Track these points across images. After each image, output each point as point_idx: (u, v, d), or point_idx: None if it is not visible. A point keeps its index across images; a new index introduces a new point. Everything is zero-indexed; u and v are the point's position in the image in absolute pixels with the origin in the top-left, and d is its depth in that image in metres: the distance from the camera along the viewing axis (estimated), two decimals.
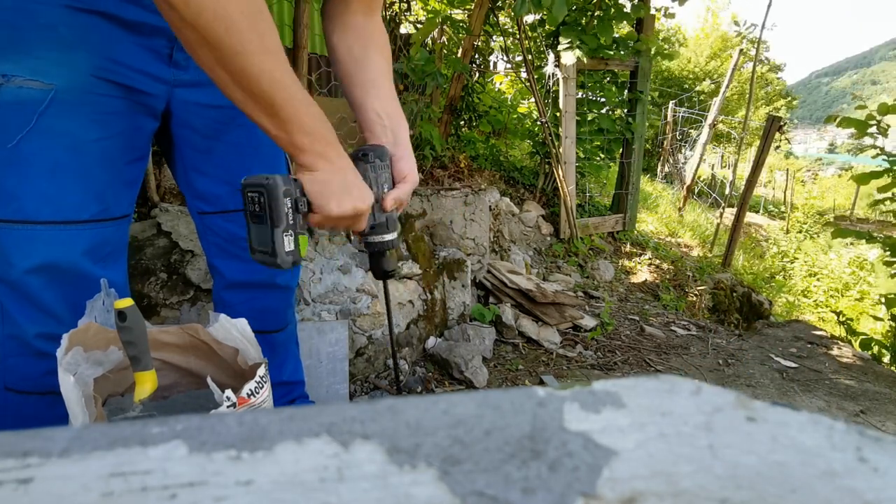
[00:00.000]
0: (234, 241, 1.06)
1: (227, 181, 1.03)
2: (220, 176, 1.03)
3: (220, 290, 1.12)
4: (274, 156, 1.07)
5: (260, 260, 0.81)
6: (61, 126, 0.80)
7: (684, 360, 2.26)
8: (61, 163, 0.81)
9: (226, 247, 1.07)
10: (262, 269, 1.07)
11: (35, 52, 0.77)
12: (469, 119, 3.68)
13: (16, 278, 0.81)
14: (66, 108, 0.79)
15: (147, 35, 0.85)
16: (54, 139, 0.80)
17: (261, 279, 1.10)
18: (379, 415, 0.22)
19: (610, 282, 3.26)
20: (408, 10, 3.37)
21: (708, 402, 0.23)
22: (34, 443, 0.20)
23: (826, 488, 0.19)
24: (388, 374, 1.79)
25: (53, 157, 0.80)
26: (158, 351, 0.89)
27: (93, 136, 0.83)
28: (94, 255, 0.87)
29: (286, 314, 1.19)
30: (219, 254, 1.09)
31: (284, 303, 1.18)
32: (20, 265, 0.80)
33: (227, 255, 1.08)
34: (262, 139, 1.00)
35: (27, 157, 0.79)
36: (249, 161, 1.03)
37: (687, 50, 15.72)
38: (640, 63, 3.67)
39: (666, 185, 8.14)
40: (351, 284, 1.74)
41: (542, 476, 0.19)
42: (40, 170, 0.80)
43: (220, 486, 0.18)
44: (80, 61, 0.80)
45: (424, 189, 2.25)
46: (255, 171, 1.01)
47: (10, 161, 0.79)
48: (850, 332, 3.14)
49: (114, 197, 0.88)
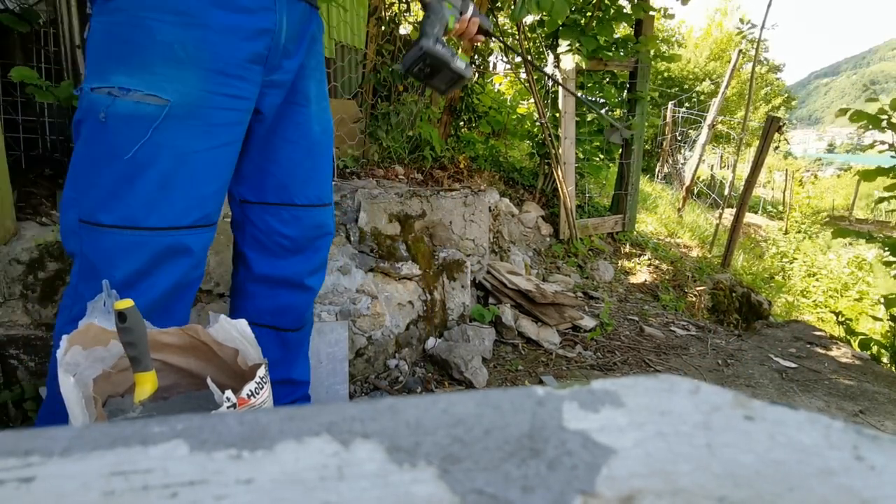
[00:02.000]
0: (271, 234, 1.09)
1: (275, 174, 1.05)
2: (270, 168, 1.05)
3: (245, 281, 1.14)
4: (322, 155, 1.11)
5: (456, 87, 1.07)
6: (173, 139, 0.83)
7: (684, 361, 2.26)
8: (170, 173, 0.84)
9: (261, 238, 1.09)
10: (290, 268, 1.11)
11: (152, 68, 0.81)
12: (469, 120, 3.68)
13: (120, 279, 0.84)
14: (179, 122, 0.83)
15: (250, 39, 0.88)
16: (165, 151, 0.83)
17: (288, 276, 1.12)
18: (379, 414, 0.22)
19: (609, 282, 3.26)
20: (407, 10, 3.37)
21: (706, 402, 0.23)
22: (36, 442, 0.20)
23: (823, 487, 0.19)
24: (387, 374, 1.79)
25: (164, 168, 0.83)
26: (158, 352, 0.89)
27: (202, 147, 0.86)
28: (196, 258, 0.91)
29: (305, 315, 1.20)
30: (253, 245, 1.11)
31: (306, 303, 1.19)
32: (124, 268, 0.84)
33: (260, 247, 1.10)
34: (314, 140, 1.08)
35: (139, 167, 0.82)
36: (301, 159, 1.06)
37: (687, 51, 15.72)
38: (639, 64, 3.67)
39: (665, 185, 8.15)
40: (350, 285, 1.74)
41: (542, 474, 0.19)
42: (150, 180, 0.83)
43: (221, 484, 0.18)
44: (192, 77, 0.83)
45: (424, 190, 2.25)
46: (305, 174, 1.08)
47: (123, 171, 0.82)
48: (850, 333, 3.14)
49: (214, 204, 0.92)
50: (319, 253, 1.16)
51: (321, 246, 1.16)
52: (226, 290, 1.47)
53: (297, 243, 1.11)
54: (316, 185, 1.10)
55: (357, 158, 2.73)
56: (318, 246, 1.15)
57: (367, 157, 2.78)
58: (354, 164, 2.64)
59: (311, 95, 1.06)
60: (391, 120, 2.80)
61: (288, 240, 1.10)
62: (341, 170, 2.56)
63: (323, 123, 1.10)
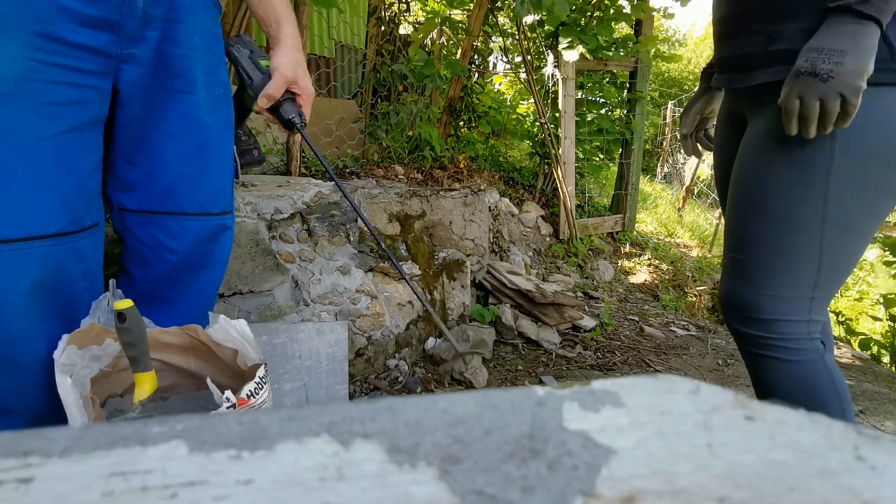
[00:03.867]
0: (157, 248, 0.93)
1: (160, 177, 0.89)
2: (152, 169, 0.89)
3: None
4: (222, 152, 0.96)
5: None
6: (4, 124, 0.68)
7: (684, 361, 2.26)
8: (13, 167, 0.68)
9: (145, 253, 0.94)
10: (180, 288, 0.97)
11: None
12: (468, 120, 3.68)
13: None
14: (6, 101, 0.68)
15: (91, 1, 0.73)
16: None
17: (177, 297, 0.98)
18: (379, 414, 0.22)
19: (609, 282, 3.26)
20: (407, 10, 3.37)
21: (706, 402, 0.23)
22: (35, 442, 0.20)
23: (824, 487, 0.19)
24: (387, 374, 1.79)
25: (2, 161, 0.68)
26: (158, 352, 0.89)
27: (44, 133, 0.71)
28: (69, 276, 0.75)
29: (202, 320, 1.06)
30: (137, 260, 0.95)
31: (198, 317, 1.05)
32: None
33: (145, 263, 0.94)
34: (210, 133, 0.91)
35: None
36: (191, 158, 0.91)
37: (687, 50, 15.73)
38: (639, 64, 3.67)
39: (665, 185, 8.15)
40: (350, 285, 1.74)
41: (542, 475, 0.19)
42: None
43: (221, 485, 0.18)
44: (12, 44, 0.67)
45: (424, 190, 2.25)
46: (196, 175, 0.91)
47: None
48: (849, 332, 3.14)
49: (82, 203, 0.77)
50: (215, 269, 1.00)
51: (217, 260, 1.00)
52: (225, 290, 1.47)
53: (189, 260, 0.95)
54: (210, 188, 0.94)
55: (357, 158, 2.73)
56: (212, 261, 0.99)
57: (366, 156, 2.78)
58: (354, 163, 2.64)
59: (198, 81, 0.89)
60: (391, 120, 2.81)
61: (176, 255, 0.94)
62: (341, 170, 2.56)
63: (218, 115, 0.94)
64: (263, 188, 1.79)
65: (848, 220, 0.88)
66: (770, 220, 0.91)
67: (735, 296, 0.98)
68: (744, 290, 0.96)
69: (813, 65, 0.79)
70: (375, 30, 3.31)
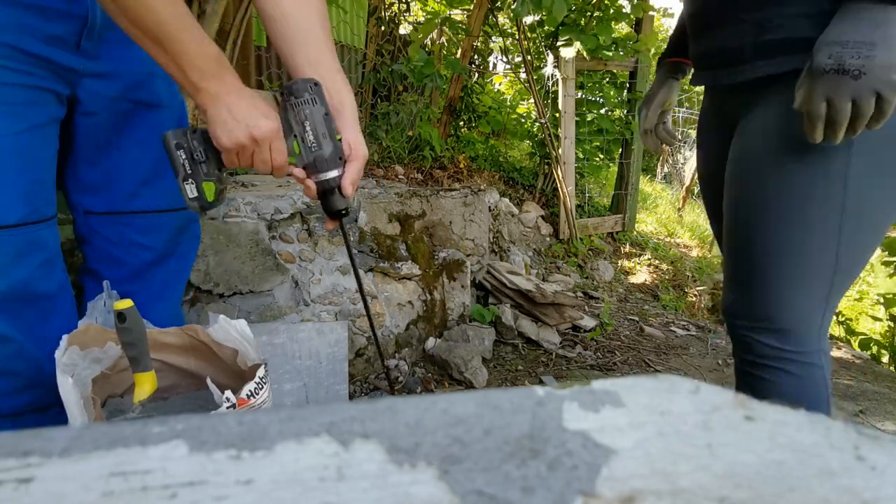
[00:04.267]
0: (129, 246, 0.95)
1: (124, 182, 0.93)
2: (117, 172, 0.92)
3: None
4: None
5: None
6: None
7: (684, 361, 2.26)
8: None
9: (116, 252, 0.96)
10: (148, 275, 0.98)
11: None
12: (468, 120, 3.69)
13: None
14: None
15: (52, 20, 0.77)
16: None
17: (154, 291, 1.00)
18: (379, 414, 0.22)
19: (609, 282, 3.26)
20: (407, 10, 3.37)
21: (706, 402, 0.23)
22: (34, 442, 0.20)
23: (824, 487, 0.19)
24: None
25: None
26: (158, 352, 0.89)
27: (6, 132, 0.75)
28: (27, 265, 0.78)
29: (179, 321, 1.08)
30: (107, 261, 0.96)
31: (175, 314, 1.08)
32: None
33: (117, 263, 0.96)
34: None
35: None
36: (157, 158, 0.92)
37: None
38: (639, 64, 3.67)
39: (665, 185, 8.15)
40: (350, 285, 1.74)
41: (542, 475, 0.19)
42: None
43: (221, 485, 0.18)
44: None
45: (424, 190, 2.25)
46: (162, 174, 0.92)
47: None
48: (849, 332, 3.14)
49: (41, 196, 0.80)
50: (180, 260, 1.04)
51: (184, 252, 1.03)
52: (226, 290, 1.47)
53: (163, 253, 0.99)
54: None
55: None
56: (179, 252, 1.02)
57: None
58: None
59: (163, 98, 0.95)
60: (391, 120, 2.81)
61: (151, 251, 0.97)
62: None
63: (185, 125, 0.98)
64: (263, 188, 1.79)
65: (865, 213, 0.81)
66: (781, 218, 0.85)
67: (744, 305, 0.92)
68: (754, 298, 0.90)
69: (839, 61, 0.69)
70: (375, 30, 3.31)
